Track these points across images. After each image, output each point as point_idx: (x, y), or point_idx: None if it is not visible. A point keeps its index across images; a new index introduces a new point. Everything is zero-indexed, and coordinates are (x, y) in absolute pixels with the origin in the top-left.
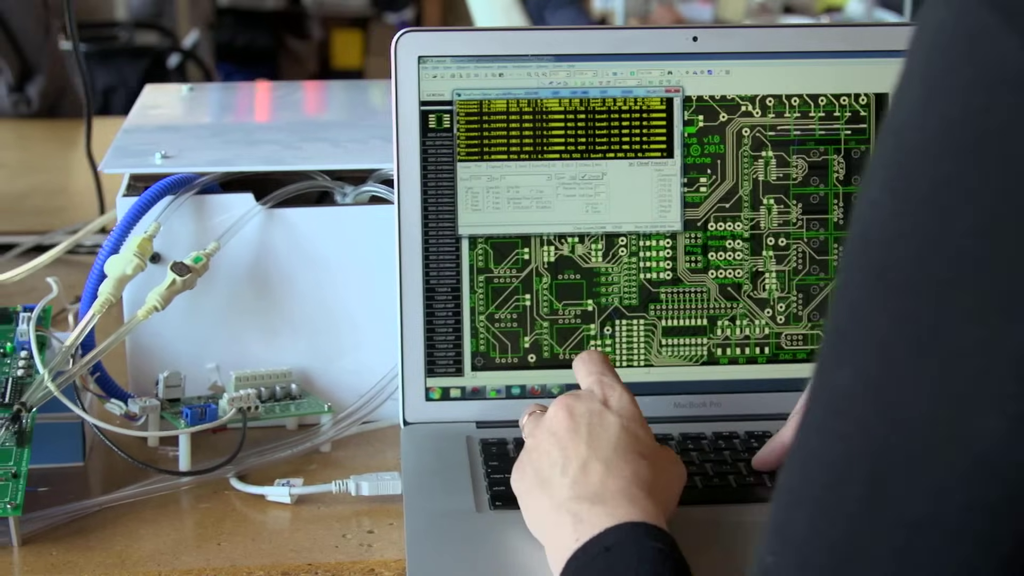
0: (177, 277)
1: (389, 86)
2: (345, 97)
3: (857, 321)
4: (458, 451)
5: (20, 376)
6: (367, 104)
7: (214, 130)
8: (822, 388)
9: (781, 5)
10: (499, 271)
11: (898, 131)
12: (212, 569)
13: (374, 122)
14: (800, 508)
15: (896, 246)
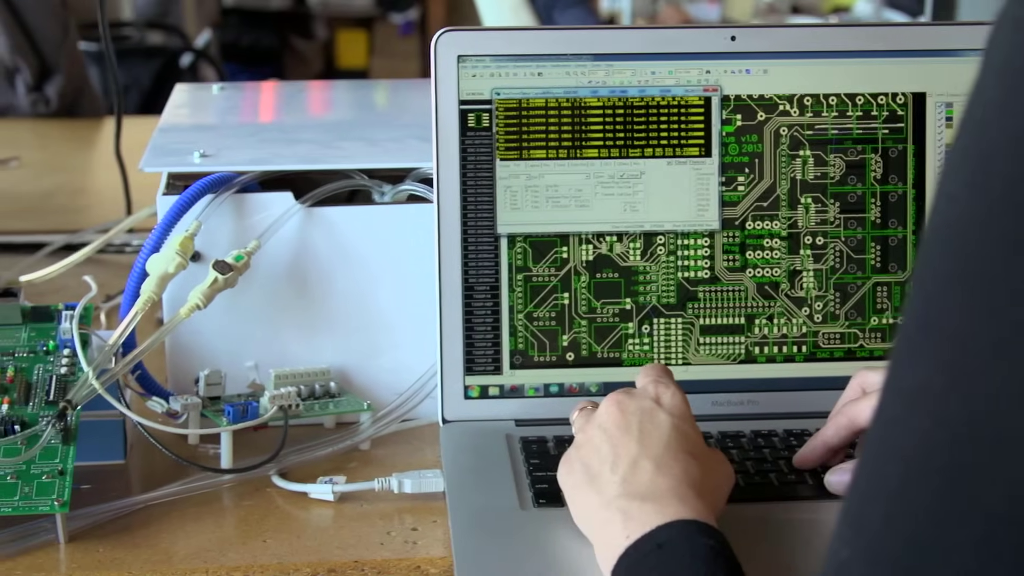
0: (219, 275)
1: (419, 85)
2: (376, 97)
3: (934, 316)
4: (498, 449)
5: (63, 374)
6: (400, 103)
7: (249, 129)
8: (899, 381)
9: (789, 5)
10: (538, 270)
11: (976, 128)
12: (259, 566)
13: (409, 121)
14: (876, 502)
15: (974, 241)
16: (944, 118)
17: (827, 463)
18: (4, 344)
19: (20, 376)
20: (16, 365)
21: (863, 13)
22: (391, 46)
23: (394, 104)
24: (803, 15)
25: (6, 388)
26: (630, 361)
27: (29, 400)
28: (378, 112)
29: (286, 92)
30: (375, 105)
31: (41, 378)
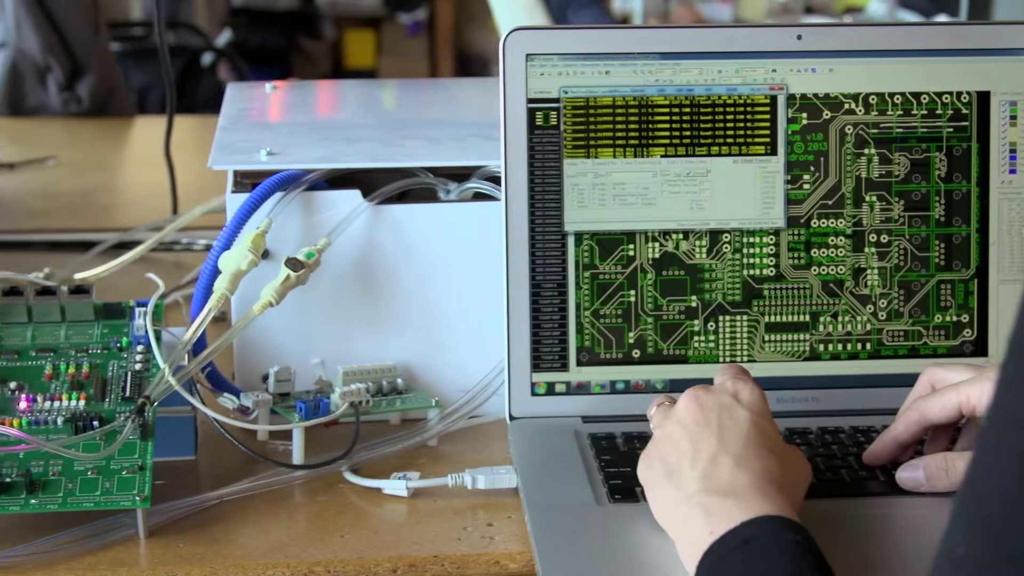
0: (291, 272)
1: (473, 84)
2: (429, 95)
3: None
4: (568, 445)
5: (138, 370)
6: (456, 102)
7: (309, 127)
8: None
9: (803, 5)
10: (604, 267)
11: None
12: (340, 561)
13: (468, 119)
14: (992, 500)
15: None
16: (1008, 116)
17: (897, 459)
18: (78, 340)
19: (95, 372)
20: (91, 361)
21: (876, 13)
22: (399, 46)
23: (450, 103)
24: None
25: (82, 384)
26: (695, 358)
27: (105, 396)
28: (435, 111)
29: (338, 91)
30: (430, 104)
31: (116, 374)
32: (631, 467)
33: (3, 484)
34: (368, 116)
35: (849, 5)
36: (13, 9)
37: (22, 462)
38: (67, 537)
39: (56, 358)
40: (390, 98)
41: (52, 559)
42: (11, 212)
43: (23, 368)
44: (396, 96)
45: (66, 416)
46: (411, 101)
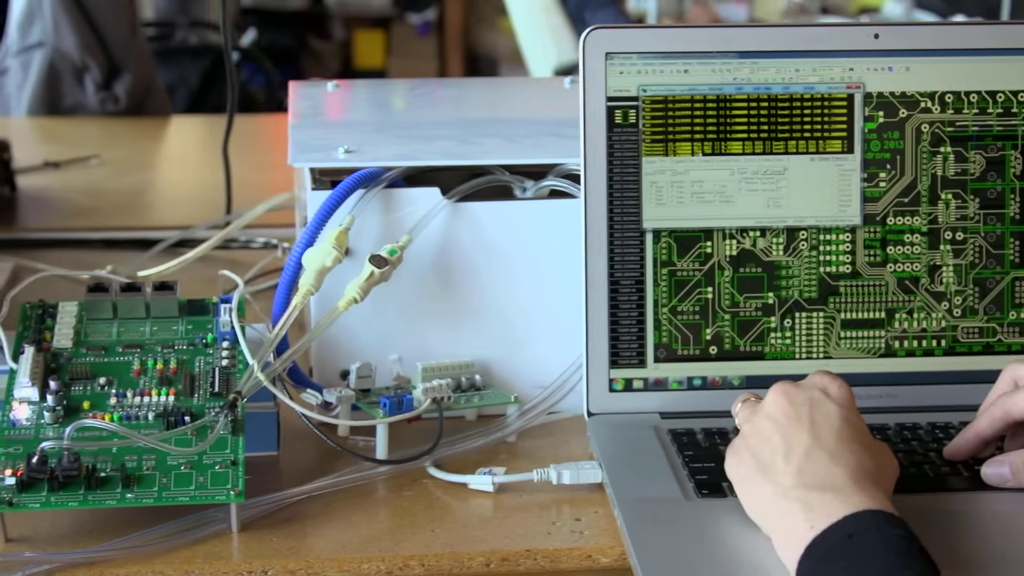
0: (376, 269)
1: (538, 83)
2: (491, 93)
3: None
4: (648, 441)
5: (225, 366)
6: (524, 101)
7: (381, 125)
8: None
9: (819, 6)
10: (682, 264)
11: None
12: (434, 555)
13: (540, 118)
14: None
15: None
16: None
17: (977, 455)
18: (163, 337)
19: (183, 368)
20: (177, 357)
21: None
22: (408, 46)
23: (517, 101)
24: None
25: (170, 380)
26: (772, 355)
27: (194, 392)
28: (503, 109)
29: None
30: (496, 102)
31: (203, 370)
32: (715, 462)
33: (98, 478)
34: (436, 114)
35: (864, 5)
36: (51, 9)
37: (116, 457)
38: (162, 531)
39: (143, 354)
40: (453, 97)
41: (148, 553)
42: (60, 211)
43: (111, 364)
44: (458, 95)
45: (157, 411)
46: (475, 100)
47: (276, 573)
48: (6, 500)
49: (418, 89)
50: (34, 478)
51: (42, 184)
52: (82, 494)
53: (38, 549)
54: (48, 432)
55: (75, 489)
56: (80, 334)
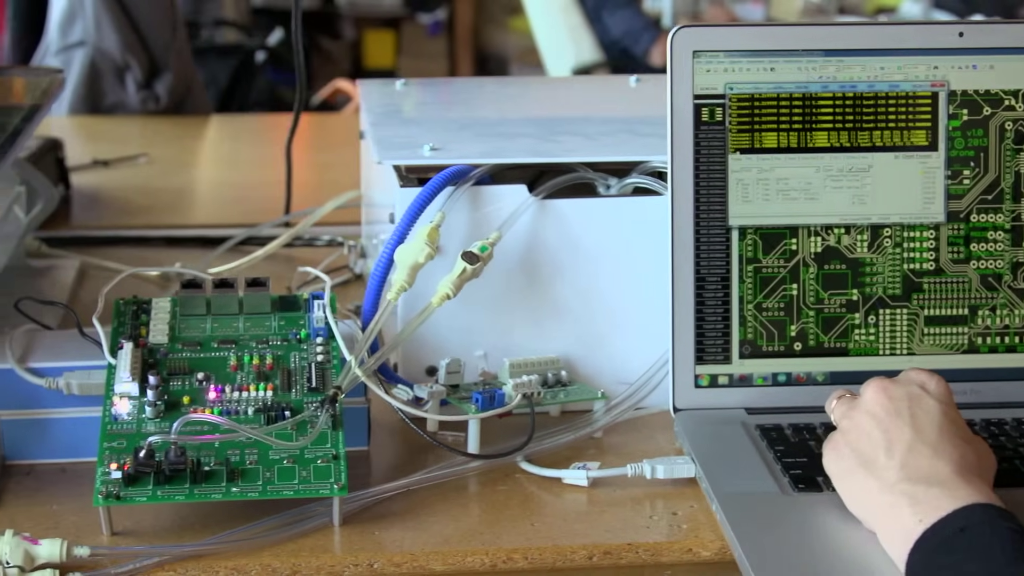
0: (468, 265)
1: (601, 82)
2: (558, 92)
3: None
4: (737, 436)
5: (320, 361)
6: (592, 99)
7: (460, 124)
8: None
9: (836, 6)
10: (767, 261)
11: None
12: (536, 549)
13: (615, 116)
14: None
15: None
16: None
17: None
18: (256, 332)
19: (279, 364)
20: (272, 353)
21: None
22: (419, 46)
23: (590, 100)
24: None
25: (267, 375)
26: (856, 351)
27: (291, 387)
28: (575, 107)
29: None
30: (569, 100)
31: (299, 365)
32: (808, 457)
33: (203, 472)
34: (510, 112)
35: (880, 5)
36: (93, 8)
37: (219, 451)
38: (265, 525)
39: (238, 349)
40: (520, 95)
41: (255, 545)
42: (115, 209)
43: (207, 359)
44: (524, 93)
45: (256, 406)
46: (543, 98)
47: (382, 566)
48: (113, 494)
49: (485, 87)
50: (141, 472)
51: (94, 182)
52: (188, 488)
53: (143, 542)
54: (149, 427)
55: (180, 483)
56: (175, 330)
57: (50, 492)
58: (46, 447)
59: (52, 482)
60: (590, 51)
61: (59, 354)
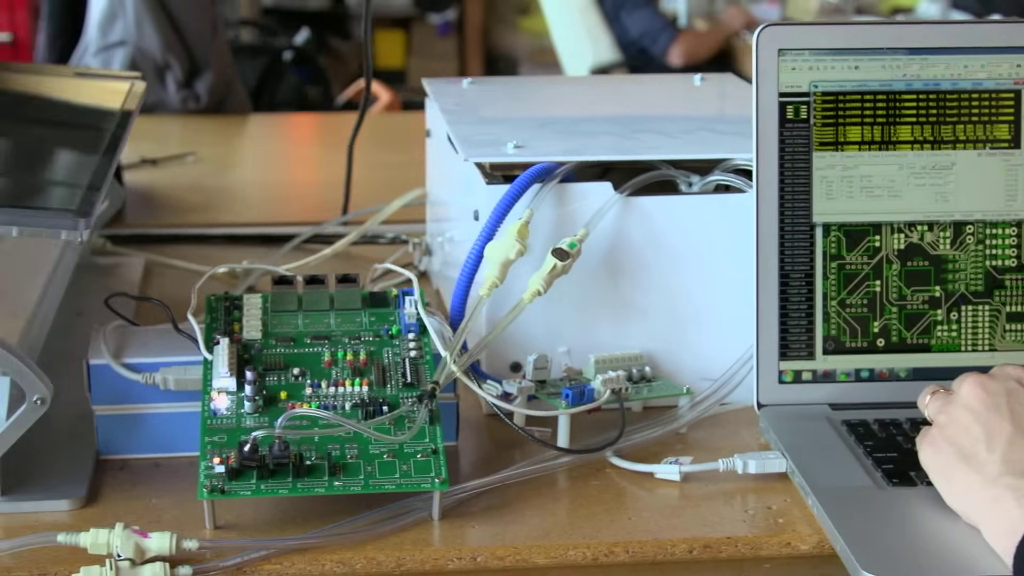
0: (558, 262)
1: (666, 80)
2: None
3: None
4: (824, 431)
5: (414, 357)
6: (665, 98)
7: (540, 122)
8: None
9: (854, 6)
10: (851, 258)
11: None
12: (637, 542)
13: (684, 114)
14: None
15: None
16: None
17: None
18: (348, 328)
19: (372, 359)
20: (366, 348)
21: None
22: (429, 46)
23: (658, 98)
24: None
25: (361, 370)
26: (938, 347)
27: (385, 382)
28: (648, 106)
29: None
30: (639, 99)
31: (392, 361)
32: (897, 452)
33: (305, 467)
34: (586, 110)
35: (896, 6)
36: (134, 8)
37: (319, 445)
38: (367, 519)
39: (331, 345)
40: (591, 94)
41: (358, 539)
42: (169, 207)
43: (302, 355)
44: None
45: (354, 401)
46: (614, 96)
47: (485, 560)
48: (218, 488)
49: (550, 86)
50: (245, 466)
51: (145, 181)
52: (290, 482)
53: (245, 535)
54: (247, 421)
55: (283, 477)
56: (267, 326)
57: (147, 486)
58: (140, 442)
59: (148, 477)
60: (608, 51)
61: (153, 350)
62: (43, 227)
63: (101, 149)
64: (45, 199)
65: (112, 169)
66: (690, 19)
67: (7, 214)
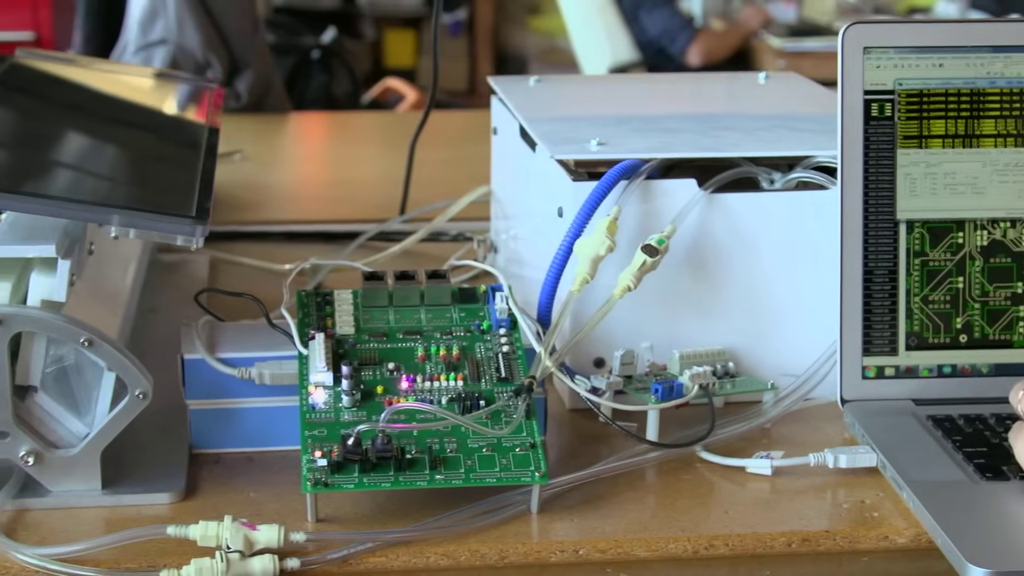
0: (648, 258)
1: (735, 79)
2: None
3: None
4: (911, 426)
5: (506, 352)
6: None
7: (616, 120)
8: None
9: (872, 6)
10: (934, 254)
11: None
12: (736, 536)
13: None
14: None
15: None
16: None
17: None
18: (439, 324)
19: (465, 354)
20: (458, 344)
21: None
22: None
23: (729, 97)
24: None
25: (455, 365)
26: (1020, 343)
27: (480, 377)
28: (721, 104)
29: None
30: (711, 97)
31: (485, 356)
32: (986, 446)
33: (407, 460)
34: (661, 108)
35: (912, 5)
36: (175, 7)
37: (418, 439)
38: (467, 512)
39: (423, 340)
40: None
41: (460, 532)
42: (225, 205)
43: (395, 350)
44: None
45: (450, 396)
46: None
47: (587, 552)
48: (321, 481)
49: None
50: (348, 459)
51: None
52: (392, 475)
53: (346, 528)
54: (345, 415)
55: (385, 471)
56: (359, 321)
57: (244, 480)
58: (233, 436)
59: (243, 471)
60: (626, 50)
61: (246, 345)
62: (162, 231)
63: (200, 153)
64: (159, 203)
65: (214, 174)
66: (706, 19)
67: (127, 216)
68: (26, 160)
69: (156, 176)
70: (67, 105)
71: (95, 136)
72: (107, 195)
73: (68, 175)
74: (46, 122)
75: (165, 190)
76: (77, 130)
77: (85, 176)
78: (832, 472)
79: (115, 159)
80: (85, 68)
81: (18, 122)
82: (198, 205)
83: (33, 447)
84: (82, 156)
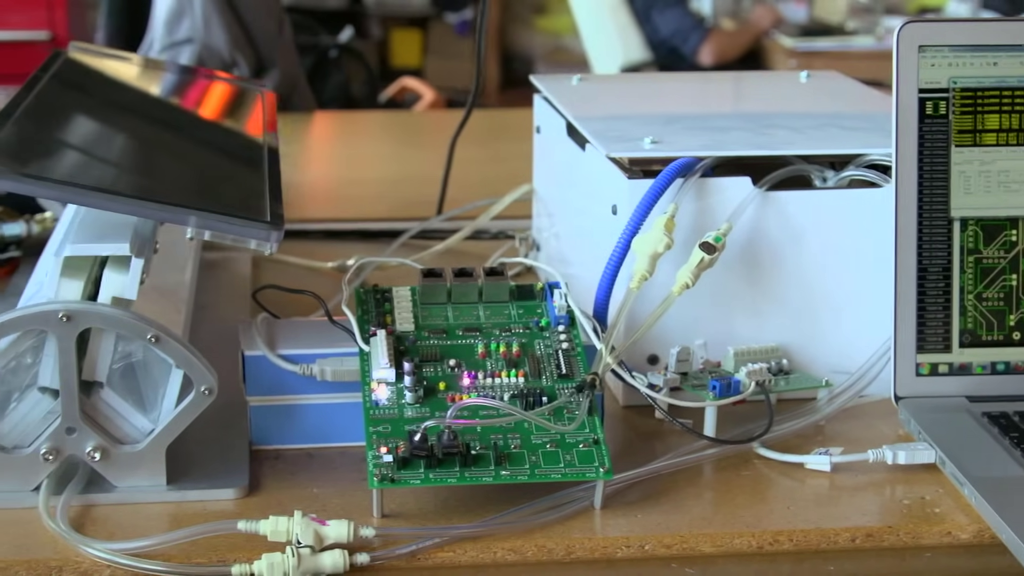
0: (705, 255)
1: (776, 77)
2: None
3: None
4: (967, 423)
5: (566, 348)
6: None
7: (666, 118)
8: None
9: (884, 7)
10: (988, 252)
11: None
12: (800, 531)
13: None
14: None
15: None
16: None
17: None
18: (498, 321)
19: (525, 351)
20: (517, 340)
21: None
22: (446, 46)
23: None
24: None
25: (516, 362)
26: None
27: (540, 374)
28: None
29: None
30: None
31: (545, 352)
32: None
33: (472, 456)
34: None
35: (924, 5)
36: (202, 6)
37: (482, 435)
38: (532, 508)
39: (483, 337)
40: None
41: (525, 528)
42: None
43: (455, 347)
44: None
45: (512, 392)
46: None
47: (653, 548)
48: (388, 476)
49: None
50: (415, 455)
51: None
52: (458, 471)
53: (412, 524)
54: (408, 412)
55: (450, 466)
56: (418, 318)
57: (306, 476)
58: (293, 432)
59: (304, 467)
60: (638, 50)
61: (307, 342)
62: (237, 235)
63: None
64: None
65: (281, 179)
66: (717, 18)
67: (204, 218)
68: (98, 160)
69: (223, 179)
70: (126, 104)
71: (158, 137)
72: (180, 196)
73: (138, 176)
74: (109, 121)
75: (234, 193)
76: (140, 131)
77: (155, 177)
78: (890, 468)
79: (179, 160)
80: (138, 66)
81: (82, 121)
82: (272, 211)
83: (99, 443)
84: (148, 157)
